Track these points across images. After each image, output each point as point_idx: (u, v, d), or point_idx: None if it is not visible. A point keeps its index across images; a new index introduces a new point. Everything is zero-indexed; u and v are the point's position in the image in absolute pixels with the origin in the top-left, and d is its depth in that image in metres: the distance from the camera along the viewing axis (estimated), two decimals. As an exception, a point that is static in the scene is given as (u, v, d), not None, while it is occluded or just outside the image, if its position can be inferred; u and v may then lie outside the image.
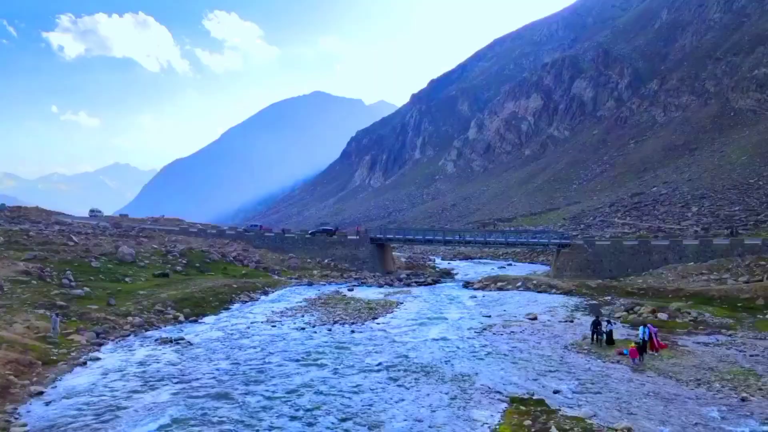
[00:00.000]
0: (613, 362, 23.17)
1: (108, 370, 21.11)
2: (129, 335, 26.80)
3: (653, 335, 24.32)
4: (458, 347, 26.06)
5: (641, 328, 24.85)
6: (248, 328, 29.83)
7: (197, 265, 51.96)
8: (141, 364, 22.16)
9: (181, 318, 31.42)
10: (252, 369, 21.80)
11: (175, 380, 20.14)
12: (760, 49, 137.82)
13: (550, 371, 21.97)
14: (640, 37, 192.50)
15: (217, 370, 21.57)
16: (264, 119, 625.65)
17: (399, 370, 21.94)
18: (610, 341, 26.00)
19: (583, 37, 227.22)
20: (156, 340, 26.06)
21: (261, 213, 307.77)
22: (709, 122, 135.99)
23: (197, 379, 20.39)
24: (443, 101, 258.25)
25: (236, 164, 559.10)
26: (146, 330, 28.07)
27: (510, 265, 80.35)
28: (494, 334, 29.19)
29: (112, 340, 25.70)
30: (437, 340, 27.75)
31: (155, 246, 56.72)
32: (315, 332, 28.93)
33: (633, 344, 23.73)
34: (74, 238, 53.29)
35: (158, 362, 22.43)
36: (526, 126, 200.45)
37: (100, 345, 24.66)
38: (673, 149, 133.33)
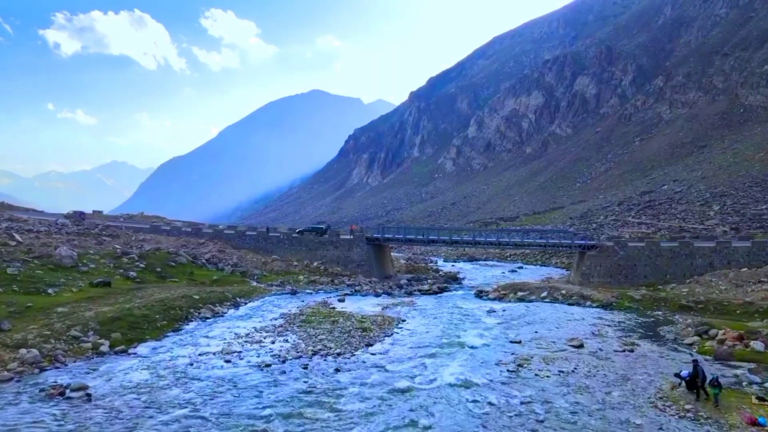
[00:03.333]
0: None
1: None
2: (8, 381, 18.26)
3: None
4: (491, 403, 17.51)
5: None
6: (191, 364, 21.28)
7: (158, 269, 43.64)
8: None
9: (104, 347, 22.88)
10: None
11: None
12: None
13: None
14: (643, 33, 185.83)
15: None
16: (262, 117, 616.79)
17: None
18: (703, 389, 17.79)
19: (584, 35, 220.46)
20: (42, 390, 17.50)
21: (259, 211, 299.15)
22: (717, 119, 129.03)
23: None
24: (442, 99, 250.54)
25: (234, 162, 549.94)
26: (40, 370, 19.52)
27: (521, 268, 71.90)
28: (536, 375, 20.67)
29: (-23, 390, 17.25)
30: (457, 386, 19.27)
31: (117, 246, 48.54)
32: (284, 372, 20.44)
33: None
34: (17, 236, 45.10)
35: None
36: (527, 123, 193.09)
37: (-50, 401, 16.22)
38: (681, 146, 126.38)
